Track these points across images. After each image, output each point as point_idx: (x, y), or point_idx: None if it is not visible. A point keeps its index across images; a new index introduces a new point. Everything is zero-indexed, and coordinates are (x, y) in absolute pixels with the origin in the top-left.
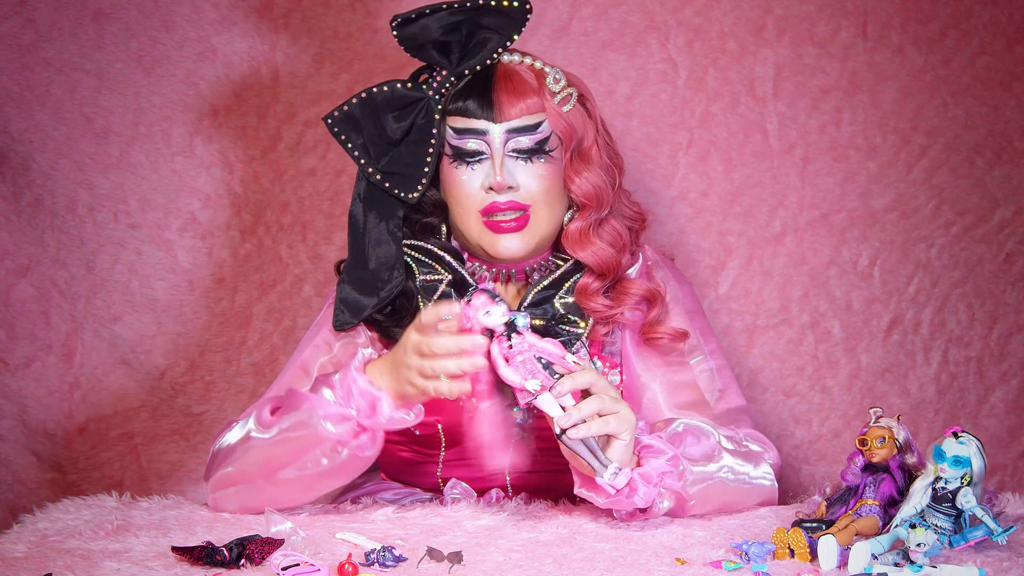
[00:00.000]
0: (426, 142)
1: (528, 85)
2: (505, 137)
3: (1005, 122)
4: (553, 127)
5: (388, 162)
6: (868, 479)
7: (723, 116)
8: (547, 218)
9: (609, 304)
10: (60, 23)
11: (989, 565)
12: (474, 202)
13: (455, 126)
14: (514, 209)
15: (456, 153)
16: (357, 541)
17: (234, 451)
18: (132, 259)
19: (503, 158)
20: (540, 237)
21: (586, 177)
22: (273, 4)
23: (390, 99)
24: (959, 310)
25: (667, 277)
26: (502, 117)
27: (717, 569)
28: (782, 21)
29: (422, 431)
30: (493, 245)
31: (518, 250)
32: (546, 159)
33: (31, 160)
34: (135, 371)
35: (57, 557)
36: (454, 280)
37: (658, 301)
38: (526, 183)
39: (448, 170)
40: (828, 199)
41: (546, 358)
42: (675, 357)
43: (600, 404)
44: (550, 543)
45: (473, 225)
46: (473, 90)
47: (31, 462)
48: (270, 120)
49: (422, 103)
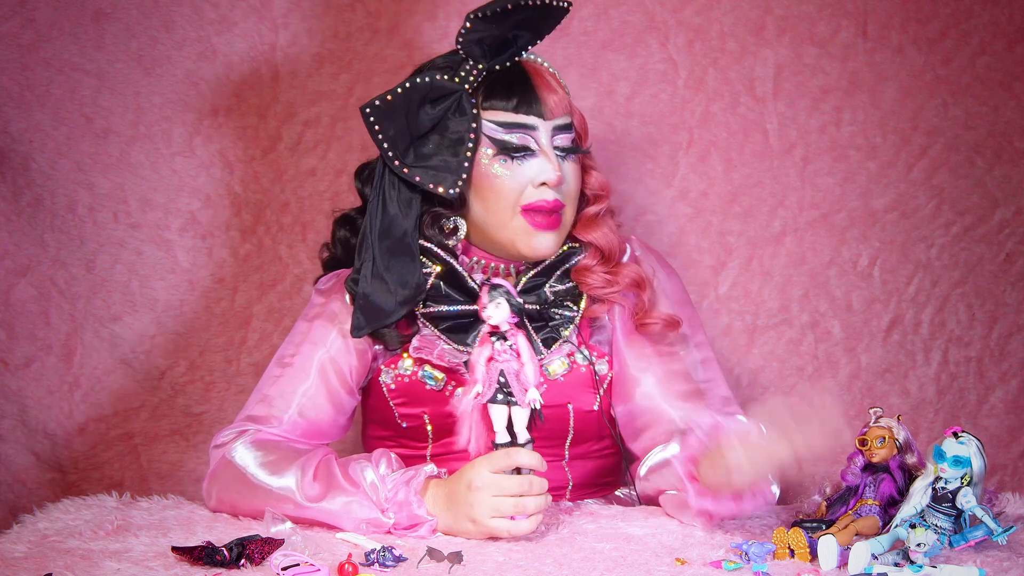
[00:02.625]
0: (464, 136)
1: (558, 84)
2: (552, 134)
3: (1005, 122)
4: (576, 125)
5: (414, 156)
6: (868, 479)
7: (723, 116)
8: (571, 216)
9: (607, 279)
10: (60, 23)
11: (989, 565)
12: (517, 197)
13: (499, 120)
14: (557, 206)
15: (502, 147)
16: (357, 541)
17: (241, 487)
18: (132, 259)
19: (554, 154)
20: (565, 235)
21: (595, 172)
22: (273, 4)
23: (429, 90)
24: (959, 310)
25: (655, 266)
26: (550, 114)
27: (717, 569)
28: (782, 21)
29: (409, 423)
30: (529, 243)
31: (550, 248)
32: (575, 157)
33: (31, 160)
34: (135, 371)
35: (57, 557)
36: (443, 272)
37: (647, 287)
38: (567, 181)
39: (488, 164)
40: (828, 199)
41: (512, 380)
42: (666, 347)
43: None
44: (550, 543)
45: (509, 220)
46: (513, 86)
47: (31, 462)
48: (270, 120)
49: (455, 96)
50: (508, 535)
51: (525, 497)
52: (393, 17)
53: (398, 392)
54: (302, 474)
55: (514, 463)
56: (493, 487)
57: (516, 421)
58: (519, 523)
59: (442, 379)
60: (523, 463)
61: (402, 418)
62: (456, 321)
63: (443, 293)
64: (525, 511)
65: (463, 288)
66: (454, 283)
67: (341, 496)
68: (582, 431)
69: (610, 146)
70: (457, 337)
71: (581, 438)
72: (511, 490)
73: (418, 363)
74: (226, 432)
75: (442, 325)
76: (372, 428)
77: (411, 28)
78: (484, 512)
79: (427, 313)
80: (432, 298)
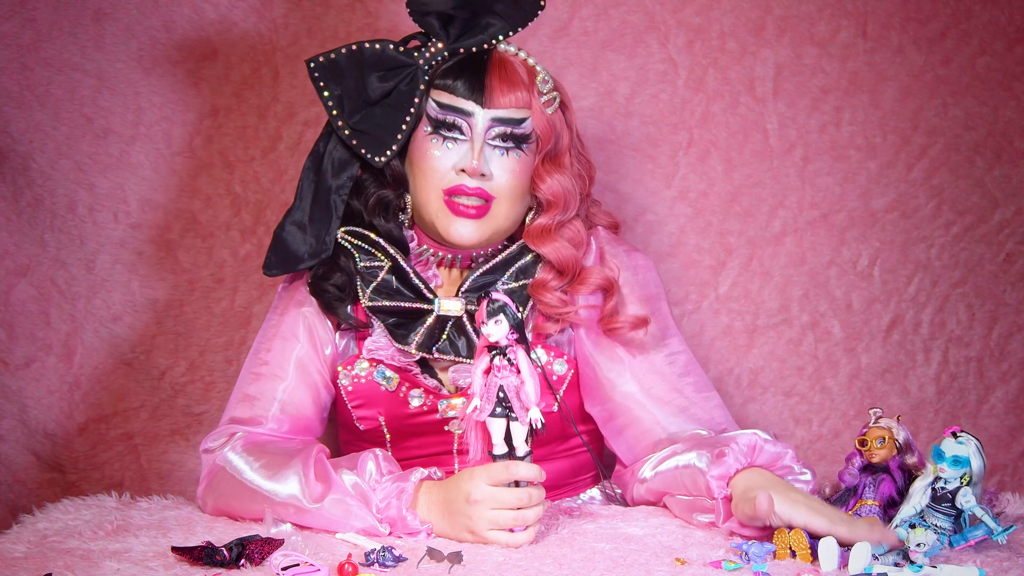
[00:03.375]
0: (405, 109)
1: (520, 79)
2: (489, 124)
3: (1005, 122)
4: (535, 126)
5: (360, 120)
6: (868, 479)
7: (723, 116)
8: (507, 213)
9: (564, 299)
10: (60, 23)
11: (989, 565)
12: (440, 179)
13: (440, 100)
14: (479, 196)
15: (435, 126)
16: (357, 541)
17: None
18: (132, 259)
19: (483, 144)
20: (495, 229)
21: (556, 179)
22: (273, 4)
23: (380, 58)
24: (959, 310)
25: (621, 261)
26: (491, 104)
27: (717, 569)
28: (782, 21)
29: (365, 426)
30: (447, 227)
31: (471, 237)
32: (520, 155)
33: (31, 160)
34: (135, 371)
35: (57, 557)
36: (394, 267)
37: (615, 290)
38: (497, 174)
39: (421, 142)
40: (828, 199)
41: (512, 396)
42: (636, 346)
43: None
44: (550, 543)
45: (433, 202)
46: (465, 70)
47: (31, 462)
48: (270, 120)
49: (409, 69)
50: (506, 546)
51: (524, 510)
52: (393, 17)
53: (355, 394)
54: (304, 476)
55: (513, 476)
56: (492, 500)
57: (515, 435)
58: (517, 536)
59: (395, 379)
60: (522, 476)
61: (359, 420)
62: (400, 317)
63: (394, 288)
64: (524, 524)
65: (408, 284)
66: (402, 279)
67: (341, 498)
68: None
69: (610, 146)
70: (399, 333)
71: (544, 440)
72: (510, 503)
73: (373, 363)
74: (213, 436)
75: (388, 320)
76: (341, 431)
77: (410, 28)
78: (483, 525)
79: (373, 307)
80: (380, 292)
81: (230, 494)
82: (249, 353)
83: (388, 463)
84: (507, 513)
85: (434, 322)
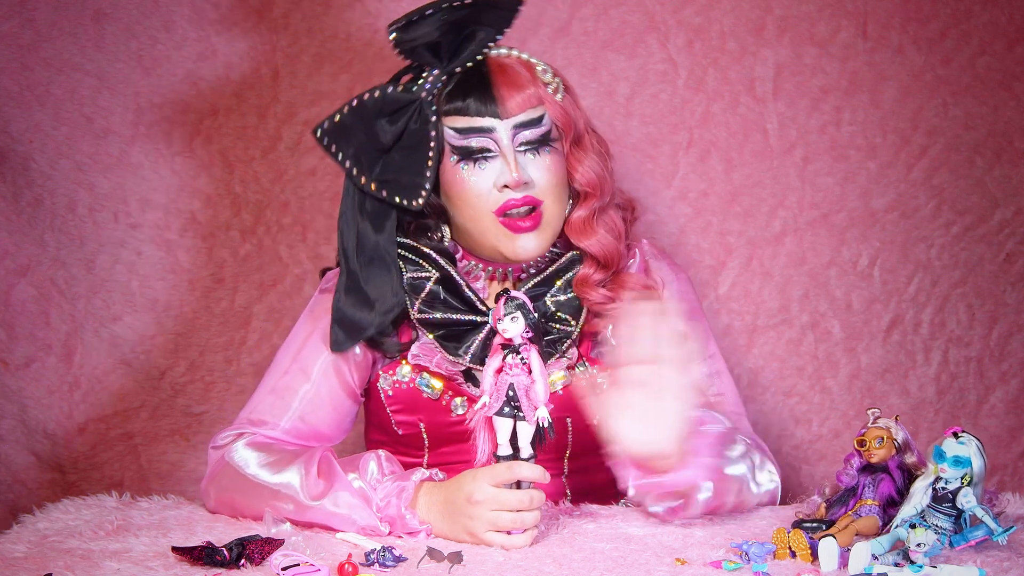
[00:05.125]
0: (424, 146)
1: (524, 77)
2: (512, 132)
3: (1005, 122)
4: (553, 117)
5: (382, 170)
6: (867, 479)
7: (723, 116)
8: (557, 212)
9: (608, 295)
10: (60, 23)
11: (989, 565)
12: (487, 202)
13: (456, 126)
14: (529, 204)
15: (463, 153)
16: (357, 541)
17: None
18: (132, 259)
19: (514, 154)
20: (552, 232)
21: (588, 165)
22: (273, 4)
23: (382, 103)
24: (959, 310)
25: (666, 275)
26: (507, 113)
27: (717, 569)
28: (782, 21)
29: (405, 431)
30: (512, 247)
31: (535, 249)
32: (551, 150)
33: (31, 160)
34: (135, 371)
35: (57, 557)
36: (441, 277)
37: (656, 298)
38: (537, 177)
39: (452, 172)
40: (828, 199)
41: (521, 395)
42: None
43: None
44: (550, 543)
45: (490, 227)
46: (471, 88)
47: (31, 462)
48: (270, 120)
49: (414, 106)
50: (504, 548)
51: (523, 512)
52: (393, 17)
53: (395, 399)
54: (305, 472)
55: (516, 476)
56: (493, 501)
57: (521, 435)
58: (515, 538)
59: (439, 388)
60: (525, 477)
61: (398, 425)
62: (451, 329)
63: (441, 299)
64: (523, 526)
65: (460, 296)
66: (452, 290)
67: (343, 495)
68: (581, 444)
69: (610, 146)
70: (450, 345)
71: (580, 451)
72: (511, 505)
73: (416, 370)
74: (225, 434)
75: (437, 332)
76: (373, 431)
77: None
78: (481, 526)
79: (422, 319)
80: (429, 304)
81: (233, 488)
82: (278, 352)
83: (390, 463)
84: (506, 515)
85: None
